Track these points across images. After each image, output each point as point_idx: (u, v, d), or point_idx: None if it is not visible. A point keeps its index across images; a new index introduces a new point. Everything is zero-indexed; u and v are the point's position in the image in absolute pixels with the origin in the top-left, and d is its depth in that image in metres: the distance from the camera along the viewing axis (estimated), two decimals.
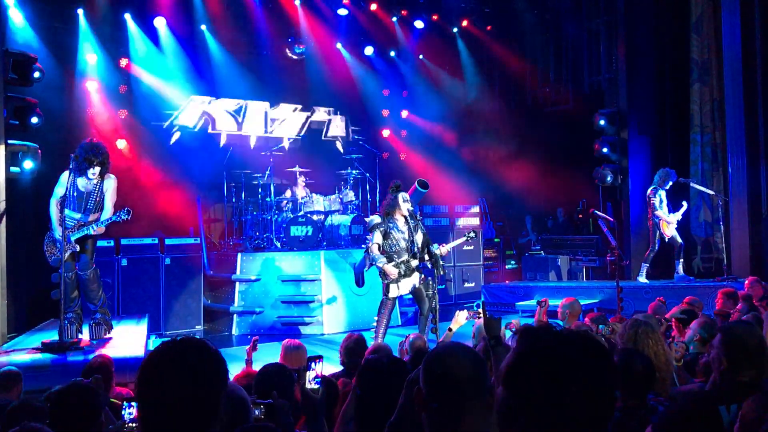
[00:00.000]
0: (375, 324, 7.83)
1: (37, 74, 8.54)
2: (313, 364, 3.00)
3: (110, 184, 7.11)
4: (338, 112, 14.65)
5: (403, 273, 7.60)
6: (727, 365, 3.04)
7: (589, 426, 1.49)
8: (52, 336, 6.75)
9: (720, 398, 2.87)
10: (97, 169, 6.95)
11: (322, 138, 14.31)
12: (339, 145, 14.43)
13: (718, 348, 3.11)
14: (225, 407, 1.79)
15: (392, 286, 7.61)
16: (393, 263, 7.57)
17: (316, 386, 2.96)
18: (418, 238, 7.67)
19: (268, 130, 13.64)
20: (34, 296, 9.96)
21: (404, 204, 7.58)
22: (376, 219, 7.77)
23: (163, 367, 1.75)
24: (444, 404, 1.93)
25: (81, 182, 7.02)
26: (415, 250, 7.63)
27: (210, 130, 13.01)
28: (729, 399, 2.82)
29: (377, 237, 7.60)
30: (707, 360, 3.67)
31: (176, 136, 12.67)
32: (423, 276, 7.83)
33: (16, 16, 10.09)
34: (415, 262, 7.65)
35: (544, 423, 1.49)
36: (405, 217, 7.63)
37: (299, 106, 14.12)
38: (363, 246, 10.80)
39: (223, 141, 13.14)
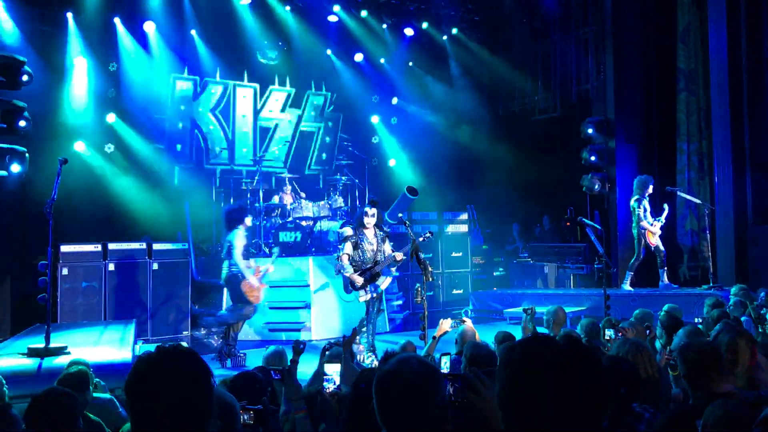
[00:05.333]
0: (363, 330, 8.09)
1: (25, 78, 8.50)
2: None
3: None
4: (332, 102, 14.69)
5: (368, 280, 8.11)
6: (693, 381, 3.20)
7: (572, 426, 1.52)
8: (39, 341, 6.70)
9: (697, 412, 2.93)
10: None
11: (306, 171, 14.25)
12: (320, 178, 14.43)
13: (680, 367, 3.26)
14: (215, 412, 1.82)
15: (360, 293, 8.15)
16: (359, 271, 8.08)
17: None
18: (386, 248, 8.18)
19: (258, 149, 13.56)
20: (20, 301, 9.90)
21: (368, 219, 8.09)
22: (347, 231, 8.28)
23: (150, 376, 1.79)
24: (392, 423, 1.96)
25: None
26: (378, 258, 8.11)
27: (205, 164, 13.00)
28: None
29: (347, 248, 8.13)
30: None
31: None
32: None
33: (4, 19, 10.04)
34: (378, 269, 8.11)
35: (525, 417, 1.54)
36: (375, 229, 8.16)
37: (291, 90, 14.13)
38: (335, 254, 10.87)
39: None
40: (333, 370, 3.23)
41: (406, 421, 1.93)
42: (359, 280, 8.05)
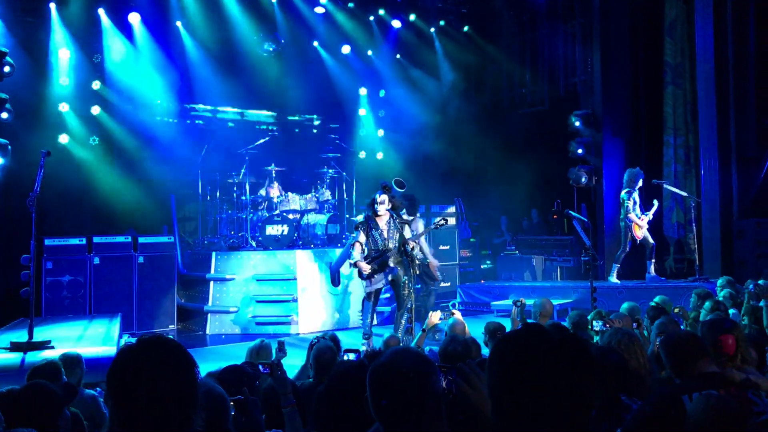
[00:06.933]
0: (361, 320, 8.16)
1: (7, 69, 8.40)
2: None
3: None
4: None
5: (376, 268, 7.85)
6: (678, 368, 3.28)
7: (559, 419, 1.52)
8: (22, 335, 6.63)
9: (683, 390, 2.97)
10: None
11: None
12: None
13: (663, 356, 3.37)
14: (201, 404, 1.78)
15: (366, 283, 7.94)
16: (367, 260, 7.84)
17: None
18: (398, 236, 7.89)
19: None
20: (4, 295, 9.79)
21: (378, 206, 7.84)
22: (359, 218, 8.20)
23: (132, 367, 1.75)
24: (388, 415, 1.93)
25: None
26: (389, 246, 7.84)
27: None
28: (690, 389, 2.95)
29: (360, 236, 7.92)
30: None
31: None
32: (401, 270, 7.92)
33: None
34: (391, 259, 7.84)
35: (517, 408, 1.54)
36: (390, 216, 7.89)
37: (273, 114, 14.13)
38: (339, 245, 10.80)
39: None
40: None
41: (401, 414, 1.91)
42: (365, 267, 7.79)
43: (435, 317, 5.94)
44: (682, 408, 2.83)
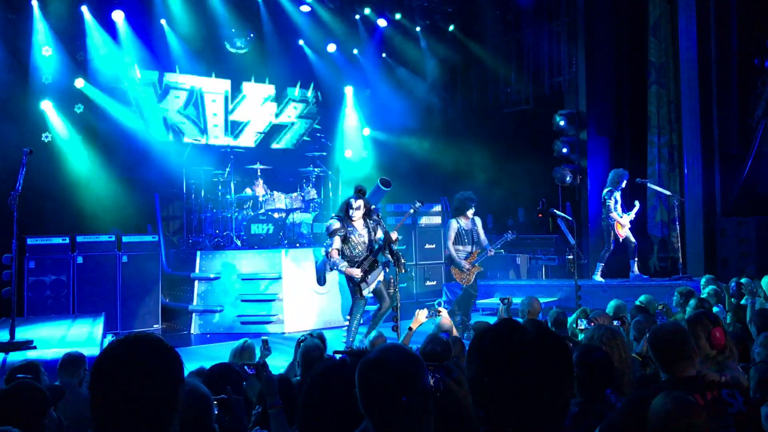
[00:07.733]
0: (347, 323, 7.95)
1: None
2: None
3: None
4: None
5: (367, 270, 7.71)
6: (661, 366, 3.24)
7: (538, 413, 1.55)
8: (2, 335, 6.56)
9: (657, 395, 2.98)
10: None
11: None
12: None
13: (649, 350, 3.33)
14: (184, 404, 1.76)
15: (362, 285, 7.71)
16: (355, 264, 7.68)
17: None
18: (379, 236, 7.77)
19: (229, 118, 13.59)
20: None
21: (353, 211, 7.68)
22: (335, 224, 7.78)
23: (117, 365, 1.73)
24: (377, 412, 1.93)
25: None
26: (373, 246, 7.74)
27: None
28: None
29: (336, 242, 7.67)
30: None
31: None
32: (386, 270, 7.88)
33: None
34: (374, 256, 7.77)
35: (494, 400, 1.58)
36: (364, 219, 7.73)
37: (271, 96, 14.04)
38: (325, 244, 10.75)
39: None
40: None
41: (389, 409, 1.91)
42: (357, 272, 7.62)
43: (422, 315, 5.92)
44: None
